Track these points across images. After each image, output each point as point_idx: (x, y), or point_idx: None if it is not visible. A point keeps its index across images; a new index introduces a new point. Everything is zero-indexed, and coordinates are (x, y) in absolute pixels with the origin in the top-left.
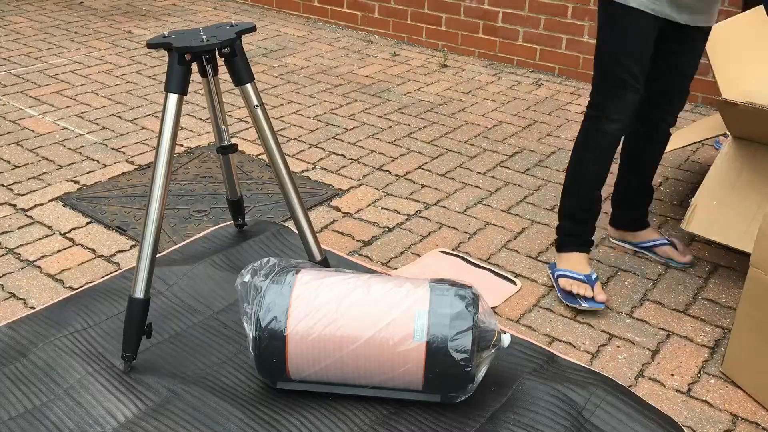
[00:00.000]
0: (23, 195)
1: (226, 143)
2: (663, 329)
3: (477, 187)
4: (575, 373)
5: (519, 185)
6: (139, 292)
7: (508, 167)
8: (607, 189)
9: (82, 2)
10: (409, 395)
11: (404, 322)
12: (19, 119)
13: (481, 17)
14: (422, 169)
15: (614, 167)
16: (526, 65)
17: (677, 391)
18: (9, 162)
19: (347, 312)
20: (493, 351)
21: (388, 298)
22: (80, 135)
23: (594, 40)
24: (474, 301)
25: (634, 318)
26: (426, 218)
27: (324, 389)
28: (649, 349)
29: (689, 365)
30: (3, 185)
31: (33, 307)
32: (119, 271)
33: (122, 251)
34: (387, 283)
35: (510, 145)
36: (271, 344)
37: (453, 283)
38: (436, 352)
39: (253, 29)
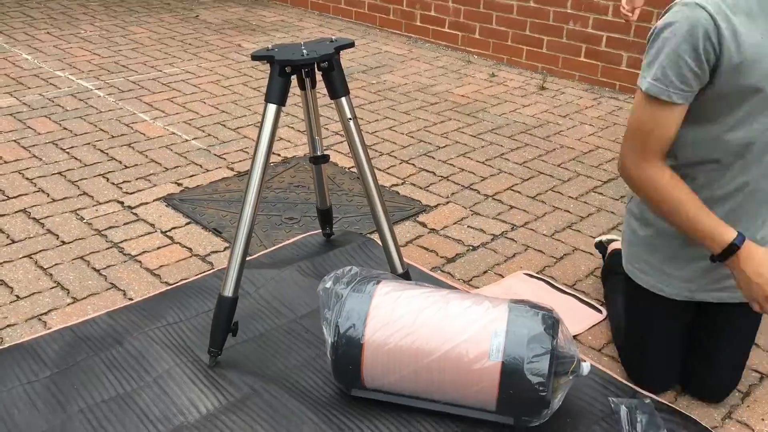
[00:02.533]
0: (131, 194)
1: (319, 153)
2: (756, 371)
3: (567, 211)
4: (657, 413)
5: (612, 212)
6: (229, 291)
7: (602, 193)
8: None
9: (197, 16)
10: (482, 415)
11: (481, 339)
12: (133, 123)
13: (584, 41)
14: (512, 190)
15: None
16: (629, 91)
17: None
18: (120, 162)
19: (424, 325)
20: (571, 378)
21: (466, 315)
22: (186, 140)
23: None
24: (554, 324)
25: None
26: (512, 239)
27: (397, 400)
28: (739, 391)
29: None
30: (114, 183)
31: (131, 299)
32: (212, 271)
33: (216, 252)
34: (466, 299)
35: (605, 171)
36: (348, 351)
37: (533, 305)
38: (511, 373)
39: (351, 45)
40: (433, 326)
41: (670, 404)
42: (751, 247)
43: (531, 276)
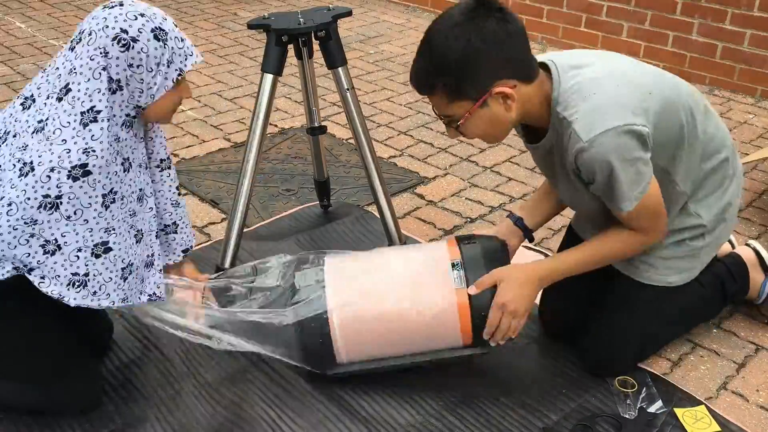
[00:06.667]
0: None
1: (316, 124)
2: (752, 342)
3: None
4: (652, 384)
5: None
6: (226, 263)
7: None
8: None
9: None
10: (462, 352)
11: (441, 280)
12: None
13: (585, 10)
14: (510, 162)
15: None
16: None
17: (761, 407)
18: None
19: (386, 278)
20: None
21: (420, 261)
22: (182, 111)
23: (704, 38)
24: (503, 247)
25: (722, 329)
26: (510, 211)
27: (374, 368)
28: (734, 362)
29: None
30: None
31: None
32: (209, 242)
33: (214, 223)
34: (413, 249)
35: None
36: (315, 325)
37: (477, 235)
38: (478, 297)
39: (348, 13)
40: (394, 281)
41: (663, 376)
42: None
43: (529, 248)
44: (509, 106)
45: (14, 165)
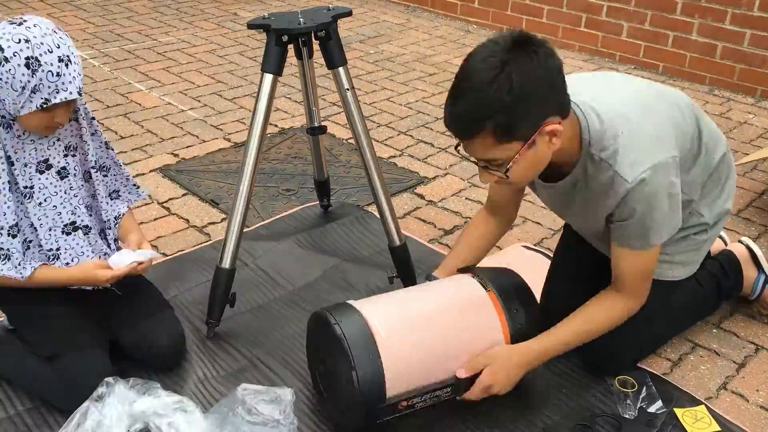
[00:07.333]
0: (127, 164)
1: (316, 124)
2: (752, 342)
3: None
4: (651, 384)
5: None
6: (226, 263)
7: None
8: None
9: None
10: None
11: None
12: (128, 93)
13: (585, 10)
14: None
15: None
16: (628, 61)
17: (761, 407)
18: (116, 132)
19: (437, 359)
20: None
21: (474, 331)
22: (182, 111)
23: (704, 38)
24: (521, 279)
25: (722, 329)
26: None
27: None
28: (734, 362)
29: None
30: None
31: None
32: (209, 242)
33: (214, 223)
34: (465, 318)
35: None
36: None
37: (497, 270)
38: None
39: (349, 13)
40: (450, 351)
41: (663, 376)
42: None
43: (528, 248)
44: (553, 144)
45: None
